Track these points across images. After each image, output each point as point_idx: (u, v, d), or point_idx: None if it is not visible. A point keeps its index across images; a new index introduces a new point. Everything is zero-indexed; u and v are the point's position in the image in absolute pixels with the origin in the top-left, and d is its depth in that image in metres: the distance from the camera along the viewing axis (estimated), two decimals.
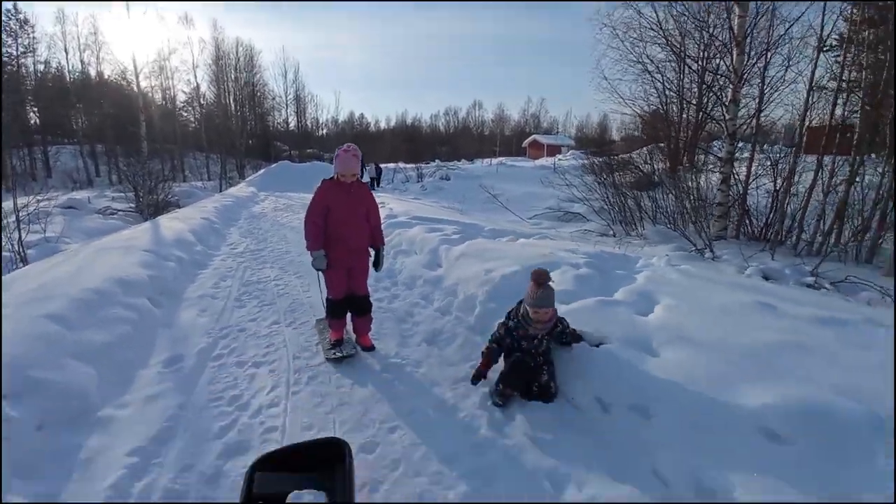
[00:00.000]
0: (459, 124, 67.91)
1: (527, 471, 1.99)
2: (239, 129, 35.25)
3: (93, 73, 32.22)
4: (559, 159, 26.52)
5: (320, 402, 2.55)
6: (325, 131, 51.99)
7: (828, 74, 9.28)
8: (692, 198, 10.01)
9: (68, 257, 5.03)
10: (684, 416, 1.90)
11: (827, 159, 8.36)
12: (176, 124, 33.35)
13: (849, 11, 9.40)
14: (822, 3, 7.97)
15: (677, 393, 1.99)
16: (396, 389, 2.69)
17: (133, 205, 15.20)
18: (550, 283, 2.45)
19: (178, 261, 5.26)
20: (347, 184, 3.02)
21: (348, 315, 3.25)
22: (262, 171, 24.35)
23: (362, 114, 63.49)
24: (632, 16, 8.88)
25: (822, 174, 8.34)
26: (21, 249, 7.96)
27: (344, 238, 3.04)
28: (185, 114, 37.11)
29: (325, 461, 1.84)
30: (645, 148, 13.33)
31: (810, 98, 8.21)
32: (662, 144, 13.57)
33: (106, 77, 32.32)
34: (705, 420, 1.84)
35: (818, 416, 1.64)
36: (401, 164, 29.48)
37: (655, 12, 8.63)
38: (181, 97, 36.28)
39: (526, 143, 51.97)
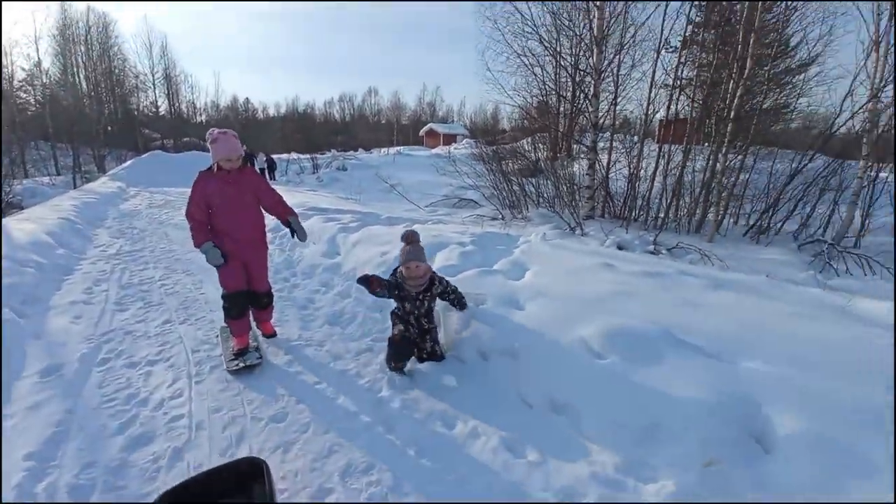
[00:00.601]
0: (356, 112, 66.30)
1: (422, 416, 2.35)
2: (95, 113, 30.49)
3: None
4: (454, 148, 27.57)
5: (226, 387, 2.65)
6: (203, 117, 47.26)
7: (667, 73, 11.06)
8: (567, 183, 11.35)
9: None
10: (540, 352, 2.42)
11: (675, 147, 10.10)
12: (14, 109, 27.74)
13: (692, 14, 11.30)
14: (671, 7, 9.45)
15: (535, 335, 2.52)
16: (302, 366, 2.88)
17: None
18: (417, 241, 2.64)
19: (37, 266, 4.70)
20: (226, 171, 2.78)
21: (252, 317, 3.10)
22: (128, 162, 21.53)
23: (247, 98, 58.44)
24: (511, 10, 9.65)
25: (661, 161, 10.06)
26: None
27: (230, 231, 2.84)
28: (25, 94, 30.90)
29: (242, 485, 1.73)
30: (530, 138, 14.58)
31: (651, 94, 9.77)
32: (545, 134, 14.99)
33: None
34: (553, 352, 2.37)
35: (625, 335, 2.26)
36: (295, 155, 28.11)
37: (529, 10, 9.49)
38: (20, 75, 30.10)
39: (423, 131, 52.63)
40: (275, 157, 23.03)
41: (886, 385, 1.82)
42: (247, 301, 3.02)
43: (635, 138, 10.57)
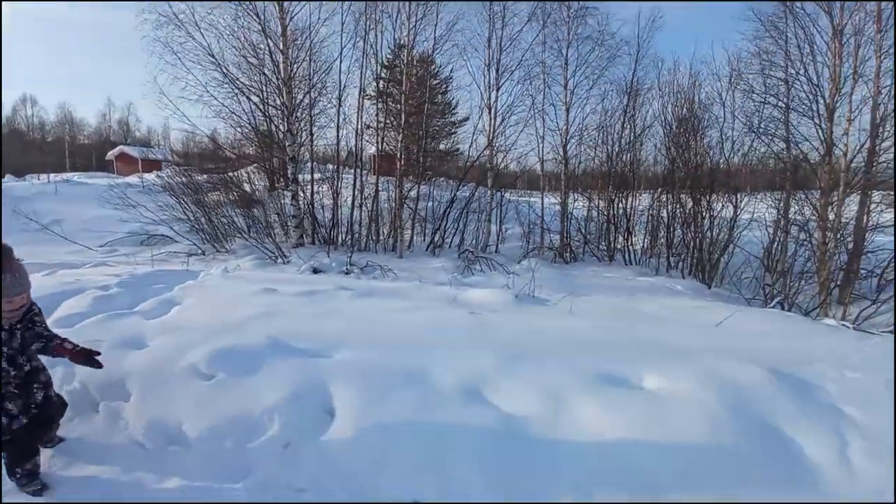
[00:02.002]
0: (5, 125, 48.10)
1: None
2: None
3: None
4: (157, 175, 23.45)
5: None
6: None
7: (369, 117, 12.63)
8: (276, 213, 11.47)
9: None
10: (157, 385, 2.45)
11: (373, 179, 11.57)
12: None
13: (382, 73, 13.25)
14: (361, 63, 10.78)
15: (148, 370, 2.53)
16: None
17: None
18: (14, 258, 1.97)
19: None
20: None
21: None
22: None
23: None
24: (183, 36, 9.11)
25: (357, 190, 11.46)
26: None
27: None
28: None
29: None
30: (252, 167, 13.94)
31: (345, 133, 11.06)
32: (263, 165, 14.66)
33: None
34: (167, 383, 2.45)
35: (231, 354, 2.56)
36: None
37: (205, 39, 9.22)
38: None
39: (112, 154, 42.61)
40: None
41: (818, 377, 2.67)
42: None
43: (331, 168, 11.64)
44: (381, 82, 13.46)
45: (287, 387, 2.32)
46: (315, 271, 7.61)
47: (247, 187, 12.79)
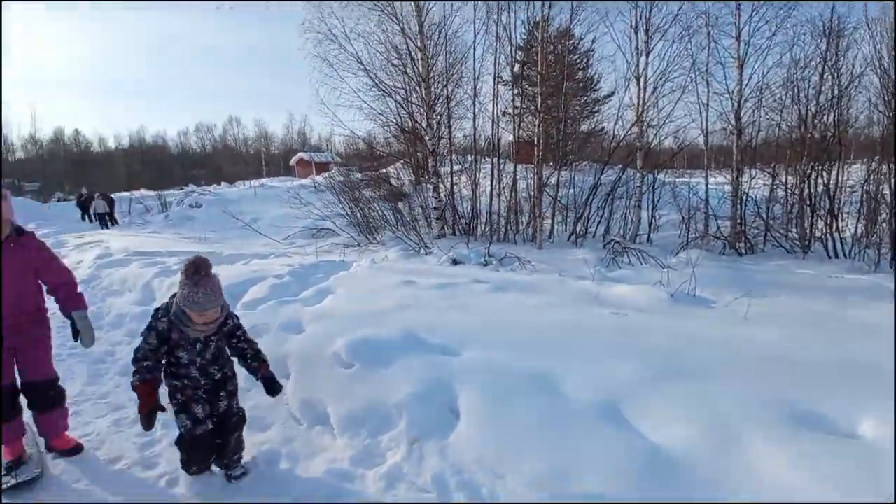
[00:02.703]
0: (217, 142, 61.67)
1: None
2: None
3: None
4: (324, 177, 27.23)
5: None
6: (20, 154, 39.86)
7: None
8: (420, 206, 12.18)
9: None
10: (309, 368, 2.73)
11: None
12: None
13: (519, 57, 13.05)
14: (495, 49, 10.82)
15: (304, 353, 2.82)
16: (80, 422, 2.77)
17: None
18: (212, 273, 1.95)
19: None
20: None
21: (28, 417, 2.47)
22: None
23: (77, 130, 50.66)
24: (337, 49, 10.20)
25: (498, 180, 11.41)
26: None
27: None
28: None
29: None
30: (399, 163, 15.25)
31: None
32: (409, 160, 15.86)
33: None
34: (318, 367, 2.70)
35: (368, 344, 2.68)
36: (142, 192, 25.16)
37: (353, 47, 10.18)
38: None
39: (293, 161, 50.89)
40: (117, 195, 20.45)
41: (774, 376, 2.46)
42: (14, 400, 2.38)
43: (469, 159, 11.80)
44: (517, 65, 13.14)
45: (417, 383, 2.35)
46: (454, 262, 7.80)
47: (395, 182, 13.88)
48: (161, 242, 9.40)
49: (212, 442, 2.11)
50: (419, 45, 10.18)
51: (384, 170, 14.72)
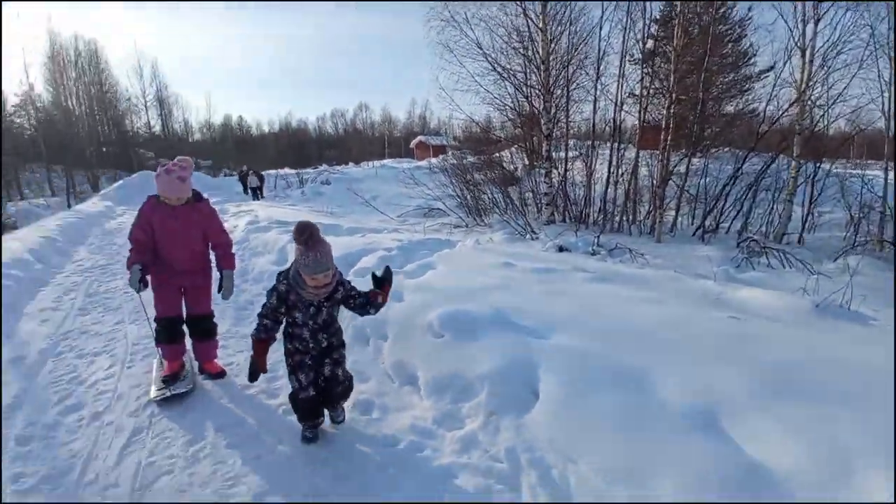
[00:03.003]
0: (348, 126, 67.38)
1: None
2: (87, 135, 31.27)
3: None
4: (441, 159, 28.20)
5: (149, 371, 3.17)
6: (198, 136, 48.34)
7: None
8: (530, 191, 11.98)
9: None
10: (405, 334, 2.96)
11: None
12: (9, 134, 28.51)
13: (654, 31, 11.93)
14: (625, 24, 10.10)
15: (402, 320, 3.05)
16: (226, 353, 3.40)
17: None
18: (320, 239, 2.04)
19: (16, 279, 5.24)
20: (172, 206, 2.80)
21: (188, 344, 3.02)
22: (118, 183, 22.18)
23: (241, 116, 59.69)
24: (458, 35, 10.36)
25: (616, 167, 10.66)
26: None
27: (169, 262, 2.86)
28: (18, 119, 31.81)
29: None
30: (513, 147, 15.21)
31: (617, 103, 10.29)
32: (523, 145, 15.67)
33: None
34: (412, 333, 2.90)
35: (458, 318, 2.79)
36: (286, 171, 28.81)
37: (474, 33, 10.22)
38: (13, 100, 31.01)
39: (413, 144, 53.38)
40: (266, 173, 23.73)
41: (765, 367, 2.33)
42: (178, 328, 2.95)
43: (581, 144, 11.19)
44: (649, 41, 11.95)
45: (500, 360, 2.41)
46: (560, 249, 7.59)
47: (509, 167, 13.83)
48: (296, 214, 10.70)
49: (316, 405, 2.27)
50: (541, 25, 9.86)
51: (497, 154, 14.70)
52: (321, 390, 2.27)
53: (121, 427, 2.52)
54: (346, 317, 3.29)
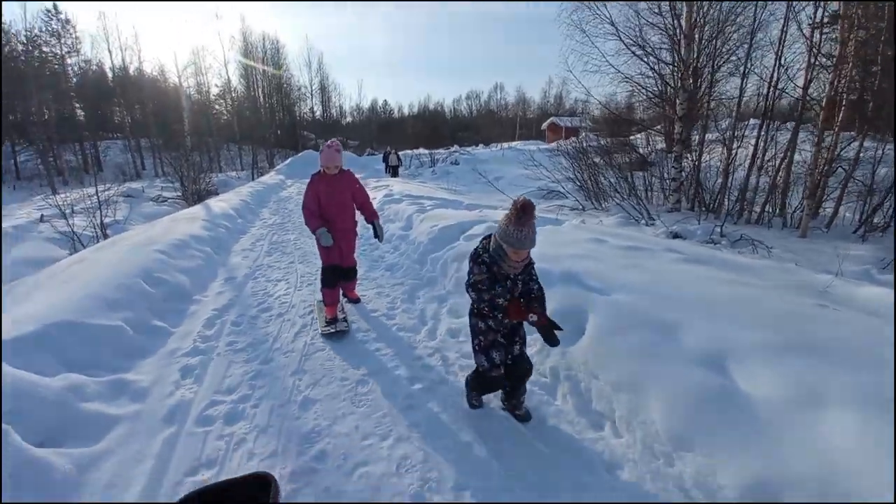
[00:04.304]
0: (483, 108, 68.74)
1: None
2: (268, 120, 37.75)
3: (132, 70, 34.93)
4: (572, 141, 27.53)
5: (312, 291, 4.41)
6: (349, 119, 54.45)
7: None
8: (658, 177, 11.44)
9: (151, 227, 7.11)
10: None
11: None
12: (210, 118, 36.12)
13: None
14: None
15: None
16: (362, 291, 4.51)
17: (179, 193, 17.68)
18: (534, 216, 2.02)
19: (226, 228, 7.27)
20: (331, 175, 3.57)
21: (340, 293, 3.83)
22: (288, 160, 26.58)
23: (385, 101, 65.58)
24: (590, 15, 10.23)
25: (760, 150, 9.60)
26: (102, 228, 10.28)
27: (332, 220, 3.62)
28: (218, 107, 39.96)
29: (252, 498, 1.79)
30: (645, 131, 14.51)
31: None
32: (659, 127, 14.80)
33: (145, 74, 35.26)
34: None
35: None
36: (420, 150, 31.18)
37: (608, 11, 9.99)
38: (214, 90, 39.06)
39: (545, 125, 52.30)
40: (403, 153, 26.15)
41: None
42: (338, 274, 3.73)
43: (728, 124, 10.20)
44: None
45: (560, 304, 2.95)
46: (675, 236, 7.42)
47: (644, 150, 13.26)
48: (424, 190, 12.00)
49: (502, 384, 2.30)
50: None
51: (633, 137, 14.12)
52: (508, 369, 2.29)
53: (294, 322, 3.74)
54: (446, 261, 4.10)
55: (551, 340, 2.07)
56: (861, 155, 8.99)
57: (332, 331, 3.46)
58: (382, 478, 2.00)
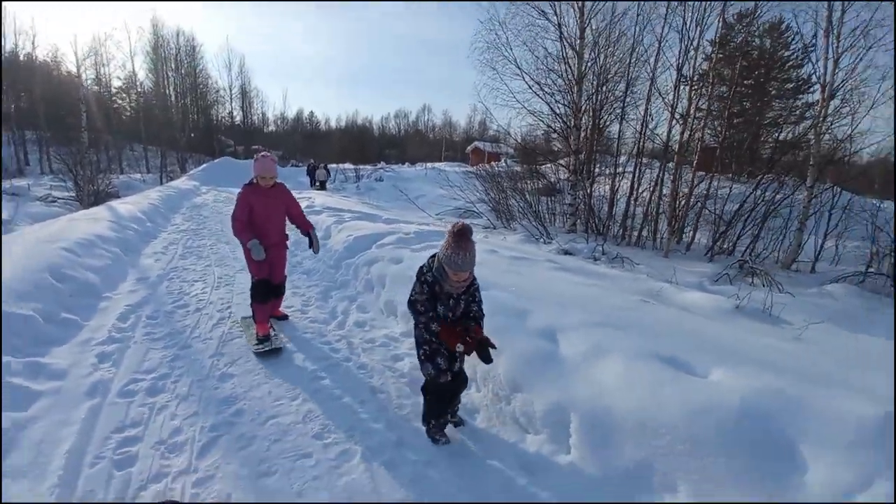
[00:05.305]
0: (411, 127, 70.15)
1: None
2: (180, 121, 35.47)
3: (21, 56, 31.18)
4: (492, 166, 29.42)
5: (230, 290, 4.70)
6: (272, 128, 52.69)
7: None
8: (558, 203, 12.96)
9: (48, 225, 6.76)
10: (395, 284, 4.25)
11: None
12: (111, 113, 33.11)
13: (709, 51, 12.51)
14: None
15: (396, 273, 4.35)
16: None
17: (73, 194, 16.20)
18: (472, 240, 2.17)
19: (134, 231, 7.13)
20: (266, 188, 3.46)
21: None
22: (203, 166, 25.29)
23: (312, 111, 64.44)
24: (497, 56, 11.57)
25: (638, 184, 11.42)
26: None
27: (264, 234, 3.46)
28: (120, 101, 36.75)
29: None
30: (561, 160, 16.17)
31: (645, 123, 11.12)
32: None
33: (36, 60, 31.59)
34: (401, 280, 4.19)
35: None
36: (347, 165, 31.20)
37: (513, 53, 11.40)
38: (116, 83, 35.93)
39: (468, 149, 54.73)
40: (330, 166, 26.11)
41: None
42: (270, 289, 3.60)
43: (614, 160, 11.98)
44: (705, 62, 12.50)
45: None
46: (566, 253, 8.60)
47: (552, 178, 14.85)
48: (346, 203, 12.40)
49: (452, 393, 2.36)
50: (577, 48, 10.87)
51: (544, 165, 15.71)
52: (454, 378, 2.37)
53: (212, 316, 4.04)
54: (358, 265, 4.66)
55: (486, 359, 2.19)
56: (718, 192, 11.14)
57: (267, 348, 3.34)
58: (290, 425, 2.49)
